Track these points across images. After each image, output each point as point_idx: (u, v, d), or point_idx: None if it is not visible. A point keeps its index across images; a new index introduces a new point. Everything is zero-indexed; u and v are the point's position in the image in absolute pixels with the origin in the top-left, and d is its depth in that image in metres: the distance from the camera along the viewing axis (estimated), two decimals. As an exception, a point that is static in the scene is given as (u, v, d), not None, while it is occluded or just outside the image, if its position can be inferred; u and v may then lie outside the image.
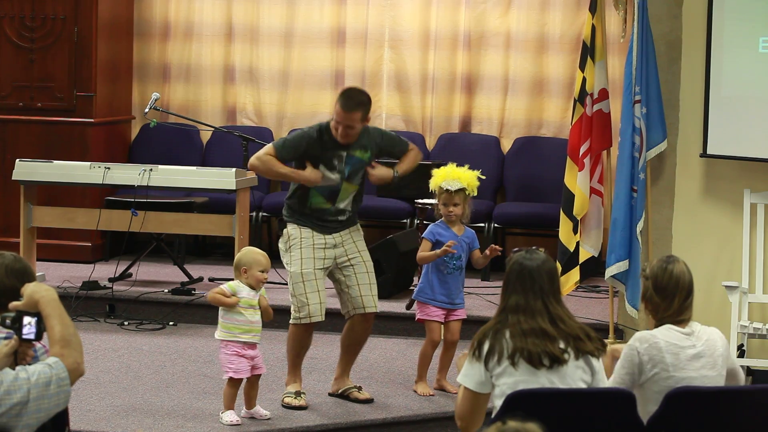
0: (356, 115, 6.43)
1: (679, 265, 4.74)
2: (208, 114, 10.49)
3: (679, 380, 4.60)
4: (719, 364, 4.69)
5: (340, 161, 6.55)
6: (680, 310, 4.70)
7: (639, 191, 7.43)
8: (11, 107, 9.88)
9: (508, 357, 4.36)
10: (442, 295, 6.88)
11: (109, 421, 6.27)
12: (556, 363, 4.36)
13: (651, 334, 4.69)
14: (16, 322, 3.72)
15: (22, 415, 3.58)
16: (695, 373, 4.63)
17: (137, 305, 8.51)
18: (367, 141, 6.62)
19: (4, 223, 9.73)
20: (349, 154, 6.55)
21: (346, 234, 6.67)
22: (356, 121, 6.44)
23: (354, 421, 6.48)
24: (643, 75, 7.41)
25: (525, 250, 4.54)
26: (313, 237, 6.57)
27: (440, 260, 6.84)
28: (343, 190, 6.61)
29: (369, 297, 6.67)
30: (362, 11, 10.33)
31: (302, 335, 6.61)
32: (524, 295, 4.43)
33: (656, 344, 4.64)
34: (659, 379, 4.64)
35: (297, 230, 6.59)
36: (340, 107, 6.43)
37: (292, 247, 6.58)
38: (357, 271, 6.65)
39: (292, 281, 6.56)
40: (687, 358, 4.64)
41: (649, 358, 4.63)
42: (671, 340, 4.65)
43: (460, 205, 6.86)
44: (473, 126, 10.28)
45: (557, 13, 10.05)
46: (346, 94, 6.51)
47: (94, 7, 9.82)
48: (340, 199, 6.61)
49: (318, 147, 6.53)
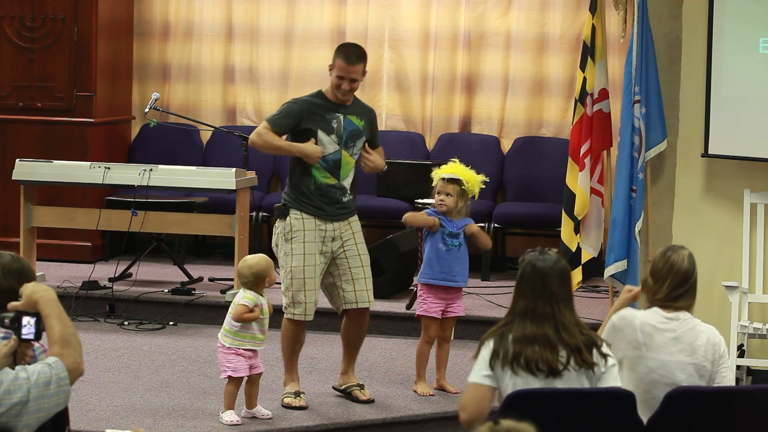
0: (359, 68, 6.53)
1: (680, 254, 4.76)
2: (208, 114, 10.49)
3: (651, 360, 4.64)
4: (700, 354, 4.67)
5: (339, 124, 6.56)
6: (670, 296, 4.72)
7: (638, 191, 7.43)
8: (11, 107, 9.88)
9: (509, 362, 4.35)
10: (441, 272, 6.86)
11: (109, 421, 6.26)
12: (552, 373, 4.34)
13: (631, 312, 4.75)
14: (15, 322, 3.72)
15: (22, 414, 3.58)
16: (670, 357, 4.65)
17: (137, 305, 8.51)
18: (361, 110, 6.69)
19: (4, 223, 9.73)
20: (345, 117, 6.59)
21: (346, 225, 6.64)
22: (359, 73, 6.55)
23: (354, 421, 6.48)
24: (643, 75, 7.41)
25: (538, 250, 4.49)
26: (315, 230, 6.55)
27: (440, 238, 6.85)
28: (344, 161, 6.58)
29: (363, 292, 6.65)
30: (362, 11, 10.33)
31: (297, 330, 6.61)
32: (533, 299, 4.40)
33: (631, 322, 4.70)
34: (630, 358, 4.67)
35: (300, 221, 6.56)
36: (344, 61, 6.51)
37: (294, 239, 6.54)
38: (351, 264, 6.63)
39: (292, 276, 6.53)
40: (663, 340, 4.66)
41: (623, 335, 4.68)
42: (648, 320, 4.70)
43: (452, 197, 6.84)
44: (473, 126, 10.28)
45: (557, 13, 10.05)
46: (346, 49, 6.64)
47: (94, 7, 9.82)
48: (342, 173, 6.58)
49: (315, 109, 6.56)
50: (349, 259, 6.63)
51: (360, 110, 6.69)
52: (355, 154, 6.63)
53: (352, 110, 6.64)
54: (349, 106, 6.63)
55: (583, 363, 4.35)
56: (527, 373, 4.34)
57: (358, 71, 6.54)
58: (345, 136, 6.58)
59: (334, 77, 6.54)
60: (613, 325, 4.74)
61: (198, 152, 10.42)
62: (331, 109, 6.58)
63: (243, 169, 8.52)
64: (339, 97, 6.57)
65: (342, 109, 6.60)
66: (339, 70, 6.52)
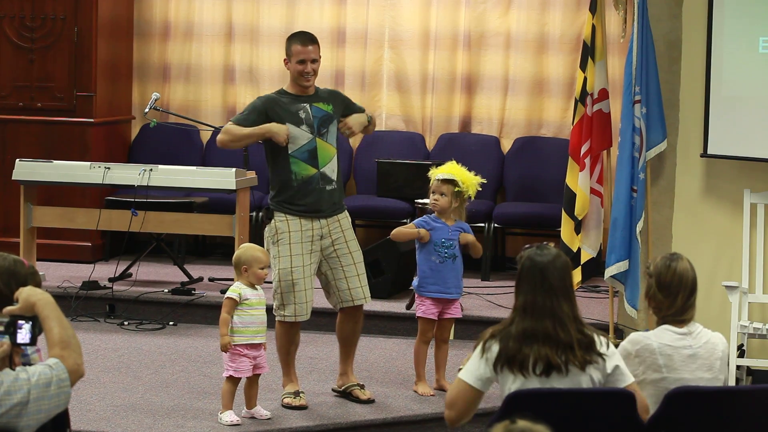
0: (316, 48, 6.64)
1: (683, 263, 4.71)
2: (208, 114, 10.49)
3: (672, 381, 4.58)
4: (716, 368, 4.66)
5: (306, 113, 6.58)
6: (683, 308, 4.66)
7: (639, 191, 7.43)
8: (11, 107, 9.88)
9: (510, 362, 4.32)
10: (435, 285, 6.85)
11: (109, 421, 6.27)
12: (553, 369, 4.31)
13: (644, 335, 4.65)
14: (11, 326, 3.70)
15: (22, 415, 3.58)
16: (690, 374, 4.60)
17: (137, 305, 8.51)
18: (326, 96, 6.73)
19: (4, 223, 9.73)
20: (312, 105, 6.62)
21: (334, 222, 6.63)
22: (317, 53, 6.64)
23: (354, 421, 6.47)
24: (643, 75, 7.41)
25: (536, 246, 4.45)
26: (301, 230, 6.54)
27: (432, 249, 6.83)
28: (321, 148, 6.58)
29: (358, 289, 6.65)
30: (362, 11, 10.33)
31: (289, 332, 6.60)
32: (532, 294, 4.34)
33: (648, 346, 4.61)
34: (652, 381, 4.62)
35: (285, 223, 6.55)
36: (301, 44, 6.61)
37: (280, 241, 6.54)
38: (343, 263, 6.62)
39: (280, 278, 6.52)
40: (681, 358, 4.61)
41: (640, 360, 4.61)
42: (665, 341, 4.62)
43: (447, 197, 6.83)
44: (473, 126, 10.28)
45: (557, 13, 10.05)
46: (297, 34, 6.74)
47: (94, 7, 9.82)
48: (321, 161, 6.58)
49: (279, 104, 6.60)
50: (341, 257, 6.63)
51: (325, 96, 6.73)
52: (331, 140, 6.64)
53: (316, 98, 6.67)
54: (312, 95, 6.66)
55: (575, 361, 4.32)
56: (528, 373, 4.31)
57: (316, 51, 6.63)
58: (316, 124, 6.59)
59: (295, 64, 6.59)
60: (627, 352, 4.63)
61: (198, 152, 10.42)
62: (295, 101, 6.62)
63: (243, 169, 8.52)
64: (303, 84, 6.60)
65: (307, 99, 6.63)
66: (298, 54, 6.58)
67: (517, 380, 4.33)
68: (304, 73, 6.57)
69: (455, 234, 6.86)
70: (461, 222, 6.92)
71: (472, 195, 6.91)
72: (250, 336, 6.23)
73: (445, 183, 6.84)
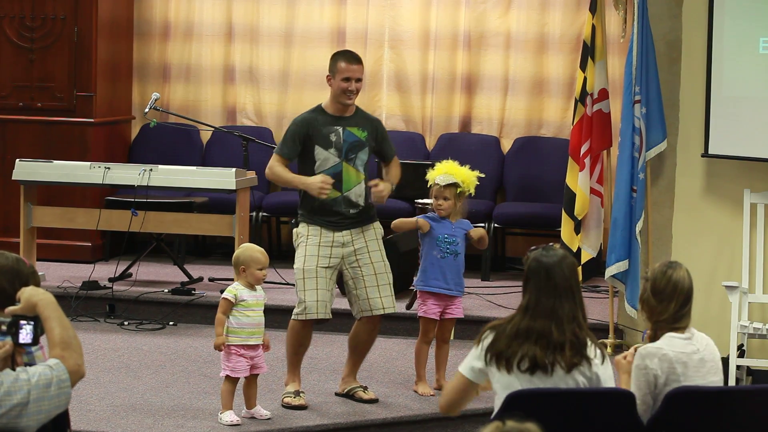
0: (361, 68, 6.63)
1: (680, 272, 4.69)
2: (208, 114, 10.49)
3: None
4: (720, 369, 4.67)
5: (337, 137, 6.57)
6: (675, 316, 4.62)
7: (639, 191, 7.43)
8: (11, 107, 9.88)
9: (497, 357, 4.34)
10: (435, 279, 6.86)
11: (109, 421, 6.27)
12: (535, 368, 4.31)
13: (656, 347, 4.59)
14: (13, 326, 3.70)
15: (22, 416, 3.58)
16: (702, 380, 4.58)
17: (137, 305, 8.51)
18: (363, 121, 6.69)
19: (4, 223, 9.73)
20: (345, 129, 6.59)
21: (358, 233, 6.65)
22: (362, 73, 6.63)
23: (354, 421, 6.48)
24: (643, 75, 7.41)
25: (542, 247, 4.47)
26: (320, 235, 6.57)
27: (433, 244, 6.84)
28: (346, 173, 6.59)
29: (376, 299, 6.66)
30: (362, 11, 10.33)
31: (300, 331, 6.61)
32: (537, 294, 4.37)
33: (666, 356, 4.56)
34: (670, 389, 4.60)
35: (305, 228, 6.61)
36: (347, 62, 6.59)
37: (299, 245, 6.61)
38: (364, 272, 6.64)
39: (295, 277, 6.59)
40: (694, 364, 4.58)
41: (662, 372, 4.55)
42: (677, 348, 4.58)
43: (450, 200, 6.85)
44: (473, 126, 10.28)
45: (557, 13, 10.05)
46: (344, 53, 6.73)
47: (94, 7, 9.82)
48: (346, 185, 6.59)
49: (314, 125, 6.58)
50: (362, 267, 6.65)
51: (362, 121, 6.68)
52: (358, 165, 6.63)
53: (352, 122, 6.63)
54: (349, 117, 6.63)
55: (562, 362, 4.31)
56: (512, 369, 4.32)
57: (360, 71, 6.61)
58: (345, 148, 6.58)
59: (339, 81, 6.55)
60: (648, 368, 4.56)
61: (198, 152, 10.42)
62: (329, 122, 6.60)
63: (243, 169, 8.52)
64: (344, 102, 6.57)
65: (341, 122, 6.60)
66: (343, 72, 6.55)
67: (502, 375, 4.34)
68: (347, 91, 6.56)
69: (457, 231, 6.88)
70: (462, 220, 6.93)
71: (472, 191, 6.94)
72: (246, 337, 6.23)
73: (447, 187, 6.85)
